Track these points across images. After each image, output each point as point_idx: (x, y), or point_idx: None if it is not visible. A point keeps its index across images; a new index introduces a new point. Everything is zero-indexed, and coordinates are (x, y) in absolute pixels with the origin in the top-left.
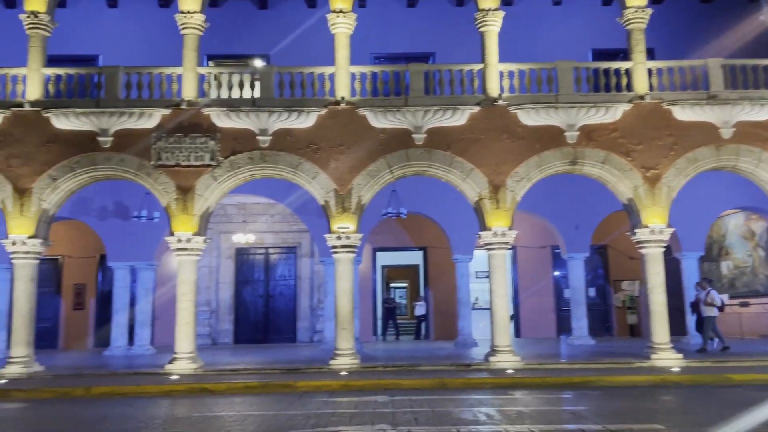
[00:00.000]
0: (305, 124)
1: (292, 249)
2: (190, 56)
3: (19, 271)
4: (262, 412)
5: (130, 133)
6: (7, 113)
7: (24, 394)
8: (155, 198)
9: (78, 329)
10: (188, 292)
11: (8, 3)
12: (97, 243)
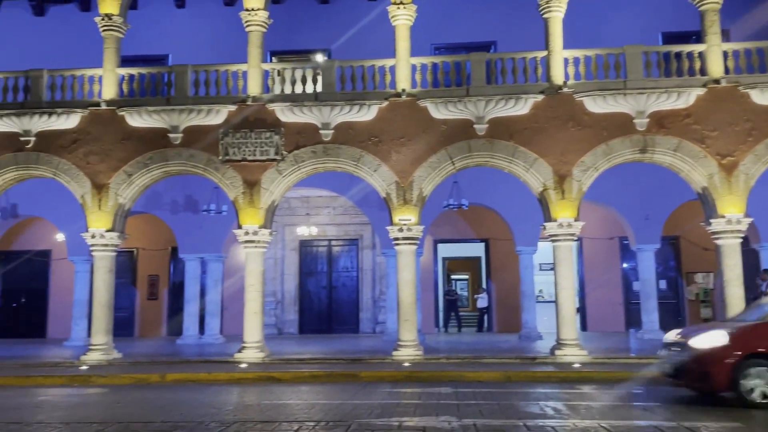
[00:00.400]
0: (366, 117)
1: (354, 241)
2: (254, 53)
3: (98, 262)
4: (328, 401)
5: (199, 129)
6: (85, 113)
7: (104, 380)
8: (223, 192)
9: (152, 318)
10: (256, 283)
11: (83, 6)
12: (169, 236)
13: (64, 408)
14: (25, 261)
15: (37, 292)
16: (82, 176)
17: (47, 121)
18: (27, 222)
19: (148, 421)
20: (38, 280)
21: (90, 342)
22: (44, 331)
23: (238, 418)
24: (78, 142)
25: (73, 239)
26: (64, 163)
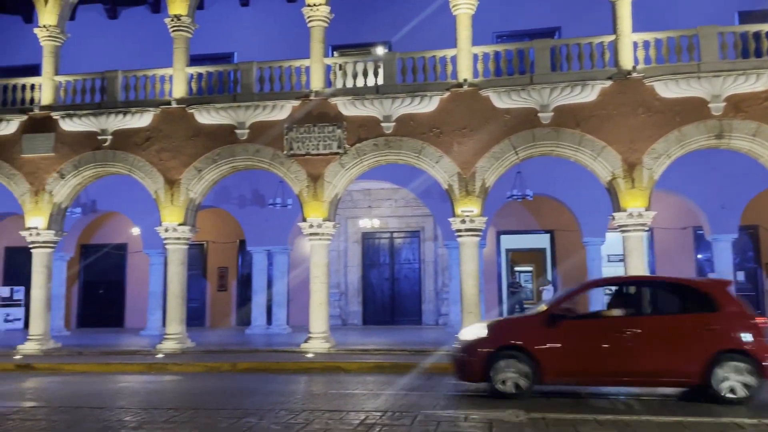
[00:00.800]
0: (428, 109)
1: (415, 233)
2: (316, 48)
3: (172, 255)
4: (394, 392)
5: (264, 124)
6: (157, 111)
7: (179, 368)
8: (288, 186)
9: (222, 309)
10: (321, 275)
11: (154, 8)
12: (237, 229)
13: (143, 394)
14: (103, 254)
15: (114, 284)
16: (155, 172)
17: (122, 120)
18: (105, 217)
19: (221, 408)
20: (116, 272)
21: (165, 331)
22: (122, 320)
23: (306, 407)
24: (151, 139)
25: (148, 233)
26: (139, 160)
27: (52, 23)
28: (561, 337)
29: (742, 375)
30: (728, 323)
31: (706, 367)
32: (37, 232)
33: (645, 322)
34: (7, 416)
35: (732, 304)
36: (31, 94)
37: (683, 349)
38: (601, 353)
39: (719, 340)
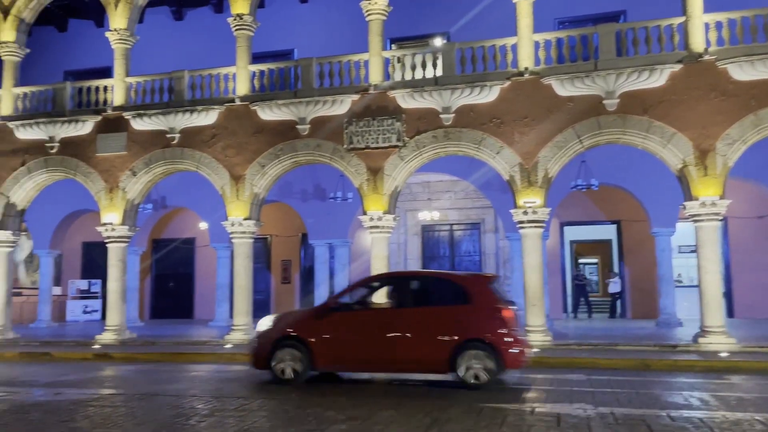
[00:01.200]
0: (488, 99)
1: (475, 225)
2: (375, 41)
3: (238, 248)
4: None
5: (325, 119)
6: (221, 109)
7: (246, 358)
8: (348, 179)
9: (286, 301)
10: (382, 267)
11: (216, 9)
12: (299, 223)
13: (213, 383)
14: (173, 248)
15: (184, 277)
16: (221, 168)
17: (189, 118)
18: (174, 212)
19: (289, 397)
20: (185, 265)
21: (232, 323)
22: (191, 312)
23: None
24: (216, 136)
25: (215, 227)
26: (205, 157)
27: (123, 26)
28: (331, 327)
29: (483, 362)
30: (475, 315)
31: (452, 356)
32: (112, 228)
33: (404, 313)
34: (89, 403)
35: (484, 297)
36: (104, 96)
37: (434, 338)
38: (365, 342)
39: (465, 331)
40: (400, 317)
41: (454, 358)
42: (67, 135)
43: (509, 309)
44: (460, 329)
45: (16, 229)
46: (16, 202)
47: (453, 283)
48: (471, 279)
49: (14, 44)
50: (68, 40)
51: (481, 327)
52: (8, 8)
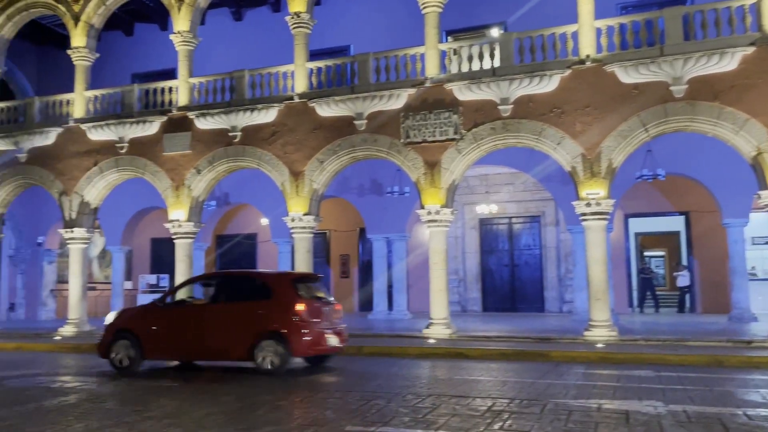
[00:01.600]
0: (547, 89)
1: (535, 218)
2: (431, 34)
3: (298, 243)
4: (520, 379)
5: (381, 114)
6: (281, 106)
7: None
8: (405, 174)
9: (345, 294)
10: (440, 261)
11: (274, 8)
12: (357, 217)
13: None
14: (236, 243)
15: None
16: (281, 165)
17: (250, 117)
18: (236, 209)
19: (349, 390)
20: (247, 260)
21: None
22: None
23: (432, 392)
24: (276, 134)
25: (276, 223)
26: (266, 154)
27: (185, 29)
28: (157, 322)
29: (276, 350)
30: (272, 309)
31: (252, 345)
32: (179, 224)
33: (216, 309)
34: (161, 393)
35: (282, 293)
36: (169, 97)
37: (238, 330)
38: (183, 335)
39: (263, 323)
40: (212, 312)
41: (253, 347)
42: (136, 135)
43: (302, 303)
44: (259, 322)
45: (89, 227)
46: (90, 200)
47: (258, 281)
48: (272, 277)
49: (85, 49)
50: (135, 43)
51: (276, 320)
52: (78, 15)
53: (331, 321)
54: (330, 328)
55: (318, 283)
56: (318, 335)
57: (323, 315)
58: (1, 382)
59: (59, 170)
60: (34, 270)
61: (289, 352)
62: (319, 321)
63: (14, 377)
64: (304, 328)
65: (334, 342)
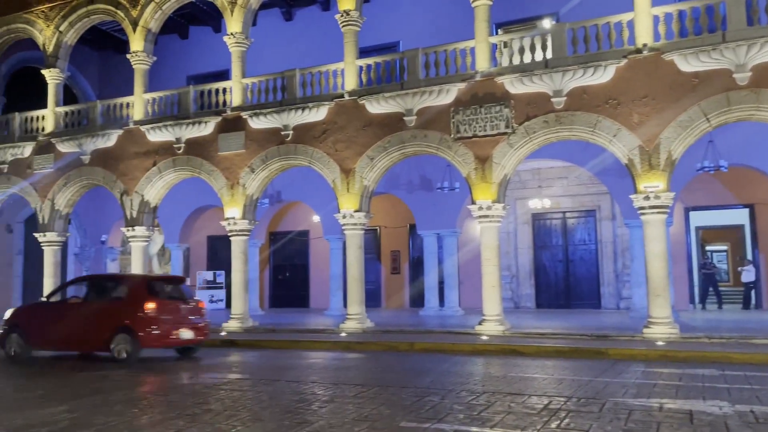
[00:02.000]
0: (602, 80)
1: (590, 212)
2: (481, 27)
3: (350, 240)
4: (576, 377)
5: (431, 109)
6: (331, 104)
7: (360, 346)
8: (455, 169)
9: (395, 290)
10: (492, 257)
11: (324, 7)
12: (407, 214)
13: (331, 370)
14: (288, 240)
15: (299, 268)
16: (332, 163)
17: (301, 115)
18: (289, 206)
19: (403, 386)
20: (300, 256)
21: (346, 312)
22: (307, 301)
23: (486, 389)
24: (327, 132)
25: (327, 220)
26: (317, 152)
27: (238, 30)
28: (40, 318)
29: (127, 343)
30: (126, 307)
31: (110, 338)
32: (234, 222)
33: (86, 306)
34: (219, 387)
35: (136, 293)
36: (223, 97)
37: (100, 325)
38: (59, 328)
39: (118, 319)
40: (82, 309)
41: (110, 339)
42: (192, 136)
43: (151, 302)
44: (116, 318)
45: (149, 225)
46: (149, 199)
47: (119, 282)
48: (130, 279)
49: (143, 53)
50: (189, 46)
51: (128, 316)
52: (136, 20)
53: (186, 317)
54: (185, 324)
55: (181, 284)
56: (167, 330)
57: (175, 312)
58: (72, 375)
59: (120, 171)
60: (98, 267)
61: (139, 344)
62: (169, 317)
63: (82, 370)
64: (152, 323)
65: (188, 335)
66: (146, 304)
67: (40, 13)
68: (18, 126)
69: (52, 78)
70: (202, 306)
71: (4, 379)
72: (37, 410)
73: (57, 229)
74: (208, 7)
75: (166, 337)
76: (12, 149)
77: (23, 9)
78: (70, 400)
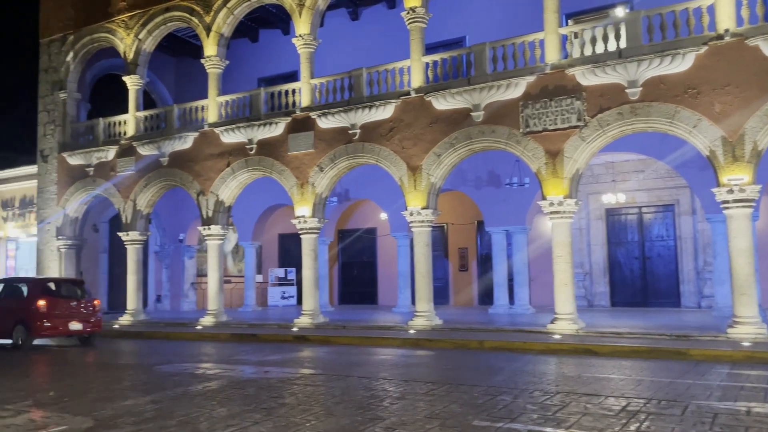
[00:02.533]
0: (680, 68)
1: (668, 207)
2: (550, 18)
3: (417, 237)
4: (655, 379)
5: (499, 104)
6: (398, 102)
7: (429, 344)
8: (524, 164)
9: (463, 288)
10: (564, 254)
11: (389, 5)
12: (474, 210)
13: (401, 367)
14: (356, 238)
15: (367, 265)
16: (399, 160)
17: (368, 114)
18: (356, 204)
19: (474, 385)
20: (368, 254)
21: (414, 309)
22: (375, 298)
23: (560, 389)
24: (393, 129)
25: (394, 217)
26: (384, 150)
27: (306, 32)
28: None
29: (22, 333)
30: (25, 304)
31: (12, 328)
32: (304, 220)
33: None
34: (293, 381)
35: (33, 293)
36: (293, 98)
37: (8, 318)
38: None
39: (18, 314)
40: None
41: (12, 330)
42: (263, 137)
43: (43, 300)
44: (17, 313)
45: (224, 224)
46: (224, 199)
47: (24, 284)
48: (30, 281)
49: (216, 57)
50: (260, 49)
51: (24, 311)
52: (210, 25)
53: (77, 313)
54: (75, 318)
55: (77, 286)
56: (58, 323)
57: (66, 308)
58: (153, 368)
59: (196, 172)
60: (177, 264)
61: (31, 334)
62: (60, 313)
63: (164, 364)
64: (41, 317)
65: (77, 327)
66: (38, 302)
67: (120, 23)
68: (102, 131)
69: (133, 84)
70: (97, 303)
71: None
72: None
73: (139, 229)
74: (277, 10)
75: (55, 328)
76: (97, 153)
77: (105, 19)
78: None
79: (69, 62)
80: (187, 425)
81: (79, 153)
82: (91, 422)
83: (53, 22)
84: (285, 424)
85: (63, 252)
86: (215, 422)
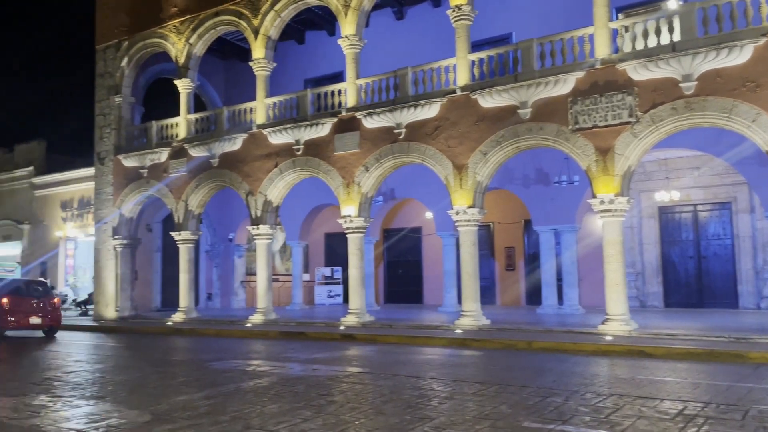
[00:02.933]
0: (738, 61)
1: (725, 204)
2: (600, 13)
3: (463, 236)
4: (713, 382)
5: (547, 101)
6: (443, 101)
7: (477, 344)
8: (574, 162)
9: (510, 287)
10: (616, 253)
11: (435, 3)
12: (521, 209)
13: (448, 366)
14: (402, 237)
15: (412, 264)
16: (444, 159)
17: (413, 113)
18: (402, 203)
19: (523, 386)
20: (413, 253)
21: (460, 308)
22: (421, 297)
23: (613, 391)
24: (439, 128)
25: (440, 216)
26: (429, 149)
27: (352, 32)
28: None
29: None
30: None
31: None
32: (350, 219)
33: None
34: (341, 379)
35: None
36: (338, 99)
37: None
38: None
39: None
40: None
41: None
42: (310, 137)
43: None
44: None
45: (272, 223)
46: (272, 199)
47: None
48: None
49: (264, 60)
50: (306, 50)
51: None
52: (258, 28)
53: (37, 309)
54: (35, 314)
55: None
56: (19, 317)
57: (28, 305)
58: (205, 365)
59: (245, 172)
60: (227, 263)
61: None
62: (22, 309)
63: (216, 360)
64: (7, 313)
65: (36, 321)
66: (2, 300)
67: (172, 28)
68: (155, 133)
69: (184, 87)
70: (57, 301)
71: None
72: None
73: (190, 228)
74: (323, 12)
75: (18, 322)
76: (150, 155)
77: (158, 24)
78: None
79: (123, 67)
80: (239, 421)
81: (133, 155)
82: (148, 416)
83: (108, 29)
84: (335, 421)
85: (119, 251)
86: (267, 419)
